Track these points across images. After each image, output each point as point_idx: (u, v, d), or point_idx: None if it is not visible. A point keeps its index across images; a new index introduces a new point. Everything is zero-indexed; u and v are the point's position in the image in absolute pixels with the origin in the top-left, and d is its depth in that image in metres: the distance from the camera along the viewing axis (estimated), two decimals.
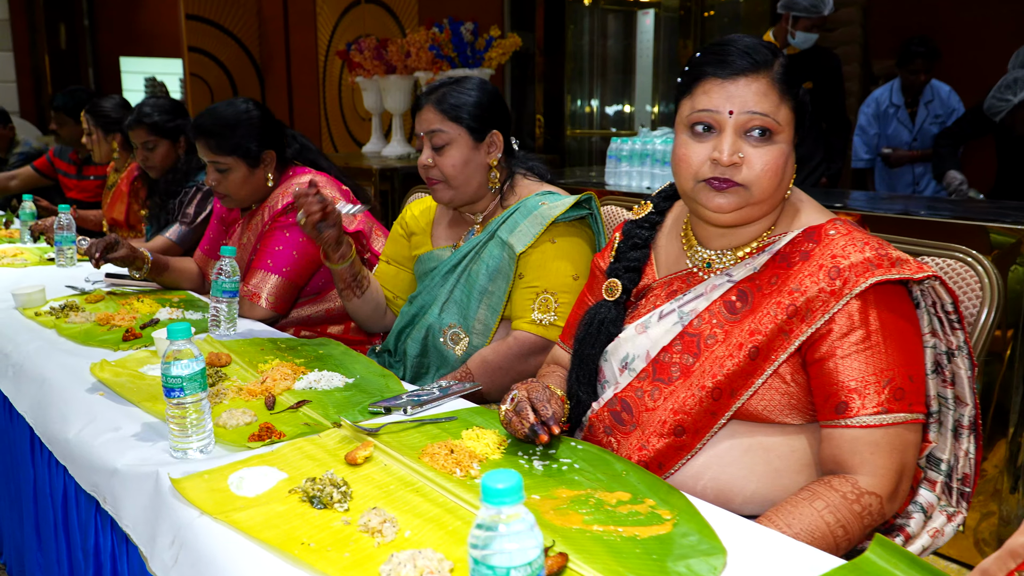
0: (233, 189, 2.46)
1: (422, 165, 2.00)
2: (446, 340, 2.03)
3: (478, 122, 1.99)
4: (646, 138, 3.79)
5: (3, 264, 3.10)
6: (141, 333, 2.14)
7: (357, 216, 2.49)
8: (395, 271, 2.25)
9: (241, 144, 2.42)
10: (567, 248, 1.96)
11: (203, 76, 9.10)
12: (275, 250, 2.39)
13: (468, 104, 1.98)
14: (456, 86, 2.00)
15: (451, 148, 1.98)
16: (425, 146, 2.00)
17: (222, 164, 2.42)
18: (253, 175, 2.46)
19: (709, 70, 1.43)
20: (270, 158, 2.48)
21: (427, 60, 5.77)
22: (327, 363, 1.93)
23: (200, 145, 2.43)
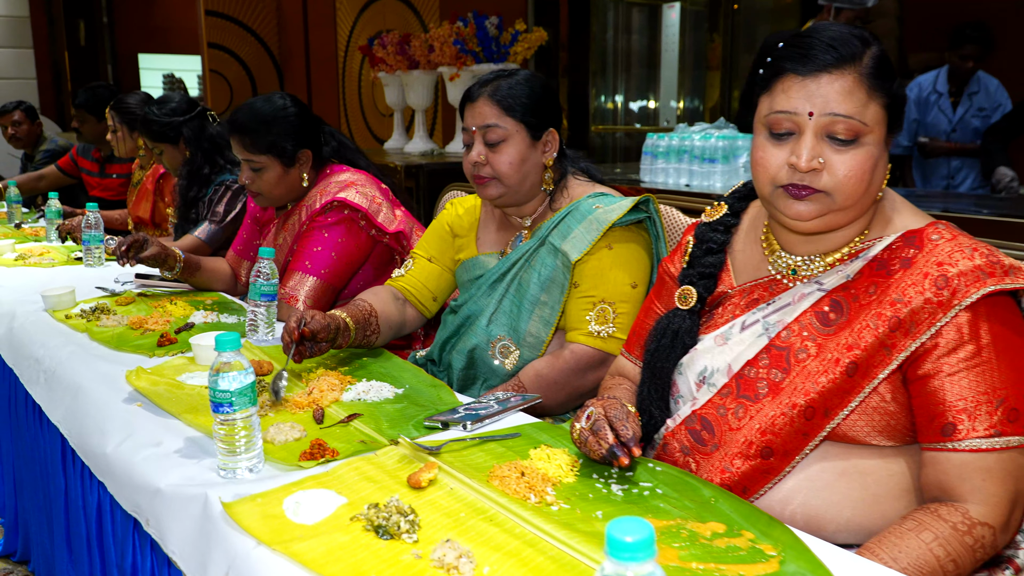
0: (267, 188, 2.35)
1: (472, 162, 1.88)
2: (495, 353, 1.91)
3: (537, 118, 1.87)
4: (683, 134, 3.66)
5: (30, 263, 3.00)
6: (176, 338, 2.03)
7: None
8: (439, 271, 2.11)
9: (276, 143, 2.30)
10: (625, 255, 1.84)
11: (222, 72, 9.00)
12: (313, 251, 2.28)
13: (527, 98, 1.86)
14: (512, 79, 1.88)
15: (507, 145, 1.86)
16: (477, 142, 1.88)
17: (256, 163, 2.31)
18: (288, 175, 2.35)
19: (789, 66, 1.31)
20: (306, 157, 2.37)
21: (451, 55, 5.64)
22: (373, 372, 1.81)
23: (234, 142, 2.32)
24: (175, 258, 2.44)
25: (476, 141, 1.88)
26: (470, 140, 1.89)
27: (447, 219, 2.12)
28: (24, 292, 2.58)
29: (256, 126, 2.28)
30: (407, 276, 2.10)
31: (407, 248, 2.38)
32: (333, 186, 2.34)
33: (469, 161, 1.88)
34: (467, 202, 2.12)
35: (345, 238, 2.30)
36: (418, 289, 2.08)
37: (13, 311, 2.37)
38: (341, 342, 1.80)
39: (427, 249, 2.13)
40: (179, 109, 3.21)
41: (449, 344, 2.01)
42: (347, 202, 2.29)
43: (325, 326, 1.72)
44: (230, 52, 9.02)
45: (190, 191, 3.27)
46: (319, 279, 2.27)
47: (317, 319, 1.71)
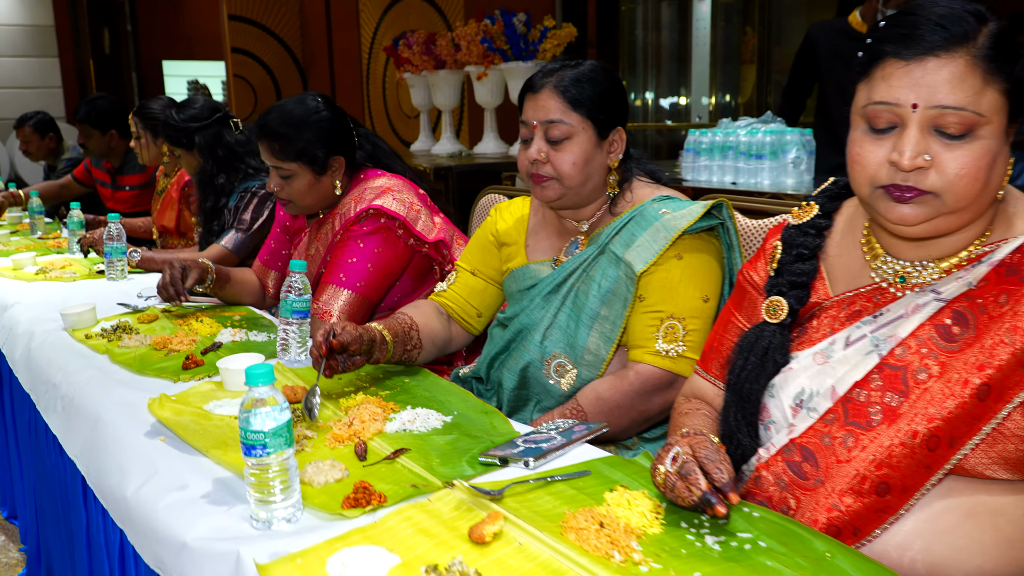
0: (297, 196, 2.18)
1: (531, 159, 1.69)
2: (549, 372, 1.73)
3: (605, 115, 1.69)
4: (728, 129, 3.46)
5: (51, 277, 2.85)
6: (203, 360, 1.86)
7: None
8: (483, 285, 1.94)
9: (307, 150, 2.14)
10: (696, 265, 1.65)
11: (246, 77, 8.88)
12: (348, 262, 2.11)
13: (595, 92, 1.68)
14: (578, 70, 1.69)
15: (571, 143, 1.67)
16: (537, 137, 1.69)
17: (285, 170, 2.14)
18: (319, 183, 2.18)
19: (889, 49, 1.12)
20: (338, 164, 2.20)
21: (478, 53, 5.47)
22: (418, 397, 1.64)
23: (262, 148, 2.15)
24: (208, 271, 2.28)
25: (536, 137, 1.69)
26: (529, 135, 1.71)
27: (491, 227, 1.94)
28: (44, 309, 2.43)
29: (285, 131, 2.11)
30: (449, 291, 1.93)
31: (447, 258, 2.21)
32: (368, 193, 2.16)
33: (527, 158, 1.70)
34: (514, 207, 1.94)
35: (382, 248, 2.12)
36: (460, 305, 1.91)
37: (31, 331, 2.22)
38: (378, 356, 1.63)
39: (469, 261, 1.95)
40: (197, 115, 3.06)
41: (498, 361, 1.83)
42: (383, 210, 2.11)
43: (357, 337, 1.56)
44: (253, 56, 8.90)
45: (206, 201, 3.12)
46: (354, 292, 2.09)
47: (348, 330, 1.55)
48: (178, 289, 2.19)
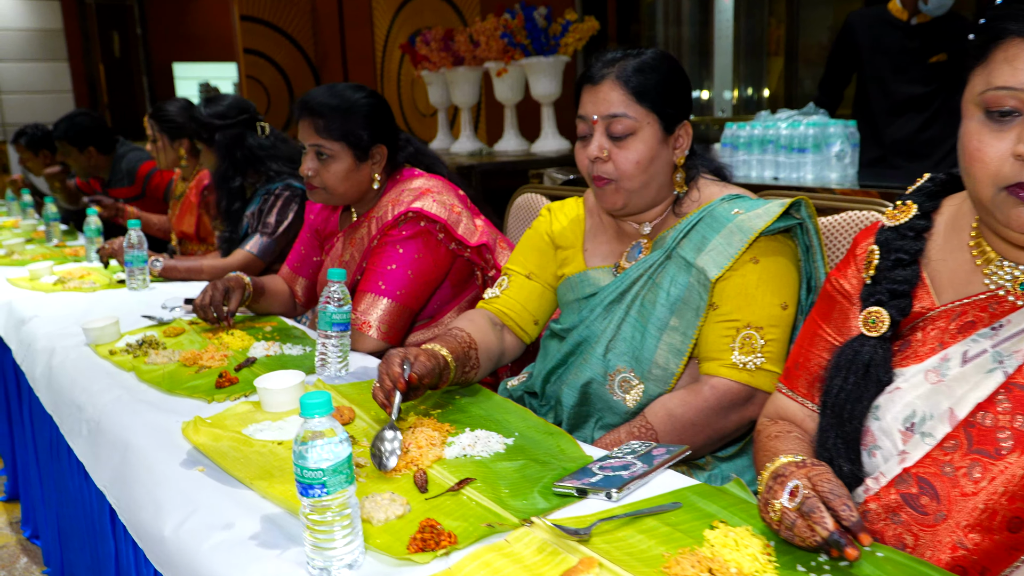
0: (332, 182, 2.04)
1: (592, 157, 1.56)
2: (613, 387, 1.59)
3: (672, 107, 1.56)
4: (767, 122, 3.31)
5: (70, 288, 2.73)
6: (237, 377, 1.74)
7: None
8: (540, 289, 1.79)
9: (352, 130, 2.01)
10: (773, 270, 1.51)
11: (258, 78, 8.76)
12: (386, 269, 1.97)
13: (661, 83, 1.54)
14: (641, 58, 1.55)
15: (635, 139, 1.54)
16: (597, 133, 1.56)
17: (326, 149, 2.01)
18: (358, 170, 2.05)
19: (1013, 27, 0.98)
20: (380, 154, 2.07)
21: (498, 49, 5.33)
22: (474, 417, 1.50)
23: (304, 125, 2.03)
24: (246, 287, 2.16)
25: (596, 133, 1.56)
26: (588, 131, 1.57)
27: (545, 228, 1.80)
28: (64, 323, 2.31)
29: (332, 108, 2.00)
30: (503, 297, 1.79)
31: (490, 263, 2.07)
32: (406, 194, 2.03)
33: (587, 156, 1.56)
34: (568, 208, 1.80)
35: (422, 253, 1.99)
36: (517, 312, 1.77)
37: (52, 346, 2.09)
38: (441, 383, 1.50)
39: (524, 264, 1.81)
40: (223, 113, 2.94)
41: (555, 376, 1.69)
42: (423, 212, 1.98)
43: (431, 370, 1.43)
44: (266, 57, 8.79)
45: (221, 201, 3.00)
46: (394, 301, 1.96)
47: (422, 361, 1.43)
48: (219, 313, 2.07)
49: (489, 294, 1.82)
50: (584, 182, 3.59)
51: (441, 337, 1.61)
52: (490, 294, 1.82)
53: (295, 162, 3.00)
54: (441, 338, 1.60)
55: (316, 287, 2.37)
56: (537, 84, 5.23)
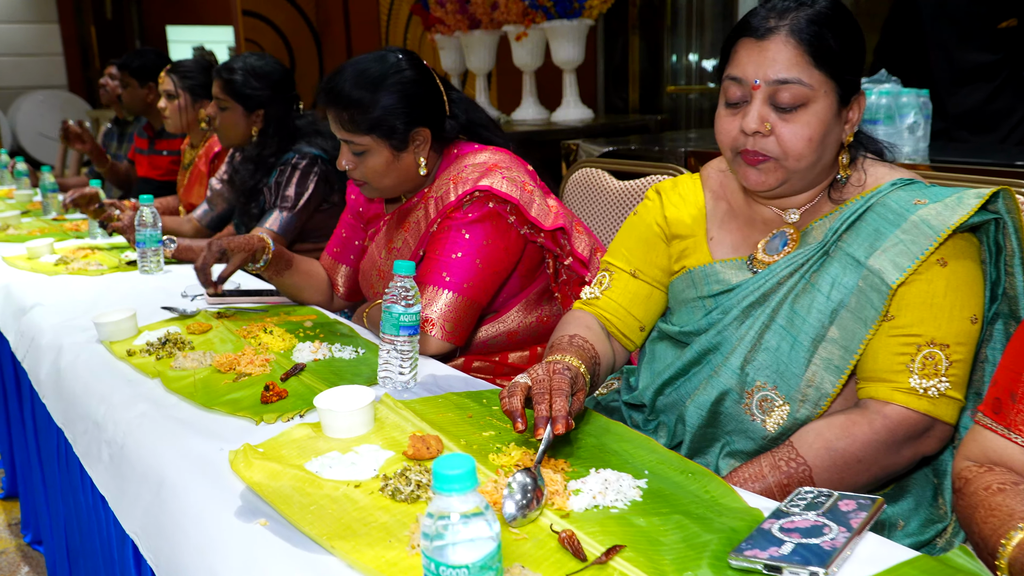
0: (373, 176, 1.74)
1: (749, 130, 1.24)
2: (751, 407, 1.30)
3: (852, 73, 1.25)
4: None
5: (74, 271, 2.41)
6: (286, 390, 1.44)
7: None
8: (648, 290, 1.50)
9: (383, 120, 1.69)
10: (963, 275, 1.22)
11: (257, 41, 8.35)
12: (451, 258, 1.67)
13: (843, 43, 1.23)
14: (817, 8, 1.24)
15: (808, 112, 1.23)
16: (758, 101, 1.24)
17: (357, 145, 1.71)
18: (398, 160, 1.74)
19: None
20: (422, 138, 1.75)
21: (518, 11, 4.98)
22: (586, 447, 1.22)
23: (331, 117, 1.72)
24: (262, 248, 1.86)
25: (757, 101, 1.24)
26: (742, 97, 1.26)
27: (656, 215, 1.49)
28: (70, 312, 2.00)
29: (358, 96, 1.67)
30: (604, 299, 1.49)
31: (566, 249, 1.76)
32: (470, 170, 1.72)
33: (746, 128, 1.24)
34: (683, 188, 1.48)
35: (491, 239, 1.69)
36: (621, 317, 1.48)
37: (59, 343, 1.79)
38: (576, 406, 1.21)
39: (628, 259, 1.50)
40: (275, 80, 2.63)
41: (673, 388, 1.40)
42: (493, 191, 1.67)
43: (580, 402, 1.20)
44: (265, 19, 8.37)
45: (253, 178, 2.69)
46: (460, 295, 1.66)
47: (578, 398, 1.20)
48: (207, 277, 1.81)
49: (587, 294, 1.53)
50: (655, 156, 3.30)
51: (563, 347, 1.32)
52: (588, 294, 1.53)
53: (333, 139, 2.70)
54: (564, 348, 1.31)
55: (358, 276, 2.07)
56: (560, 49, 4.89)
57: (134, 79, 3.87)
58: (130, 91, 3.89)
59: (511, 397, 1.12)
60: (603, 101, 6.01)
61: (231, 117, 2.65)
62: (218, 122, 2.68)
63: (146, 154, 4.02)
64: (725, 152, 1.33)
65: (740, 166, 1.30)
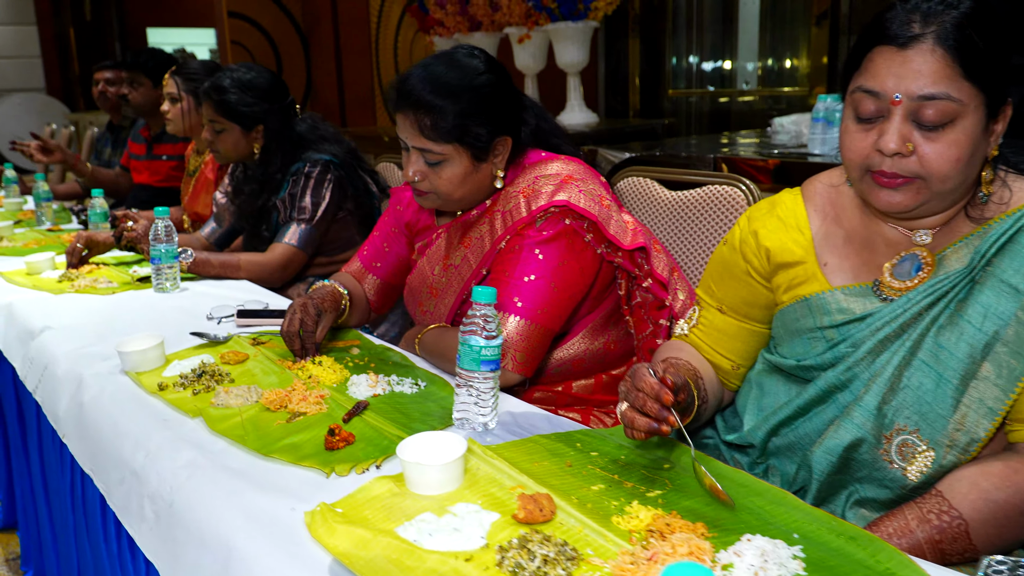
0: (446, 188, 1.56)
1: (888, 151, 1.09)
2: (889, 453, 1.14)
3: (1001, 82, 1.09)
4: None
5: (82, 289, 2.20)
6: (352, 433, 1.26)
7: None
8: (736, 327, 1.35)
9: (468, 128, 1.52)
10: None
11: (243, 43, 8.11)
12: (523, 282, 1.49)
13: (991, 48, 1.06)
14: (961, 9, 1.06)
15: (955, 129, 1.06)
16: (898, 118, 1.07)
17: (436, 155, 1.52)
18: (477, 171, 1.57)
19: None
20: (504, 147, 1.58)
21: (521, 13, 4.82)
22: (687, 493, 1.05)
23: (404, 121, 1.53)
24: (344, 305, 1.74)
25: (895, 117, 1.08)
26: (878, 111, 1.10)
27: (747, 248, 1.31)
28: (85, 337, 1.80)
29: (440, 102, 1.49)
30: (693, 337, 1.35)
31: (644, 271, 1.59)
32: (543, 183, 1.55)
33: (883, 147, 1.08)
34: (782, 209, 1.32)
35: (566, 259, 1.51)
36: (711, 356, 1.35)
37: (79, 374, 1.59)
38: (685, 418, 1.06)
39: (713, 292, 1.36)
40: (268, 90, 2.43)
41: (790, 429, 1.24)
42: (571, 207, 1.50)
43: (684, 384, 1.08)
44: (250, 20, 8.12)
45: (257, 198, 2.50)
46: (532, 322, 1.49)
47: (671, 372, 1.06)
48: (309, 346, 1.58)
49: (679, 329, 1.38)
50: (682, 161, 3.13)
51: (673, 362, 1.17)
52: (680, 329, 1.38)
53: (339, 142, 2.51)
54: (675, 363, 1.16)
55: (389, 289, 1.90)
56: (564, 52, 4.73)
57: (149, 79, 3.65)
58: (143, 91, 3.67)
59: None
60: (603, 105, 5.86)
61: (229, 138, 2.45)
62: (215, 145, 2.48)
63: (144, 159, 3.80)
64: (852, 170, 1.17)
65: (871, 187, 1.14)
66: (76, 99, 10.60)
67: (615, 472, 1.14)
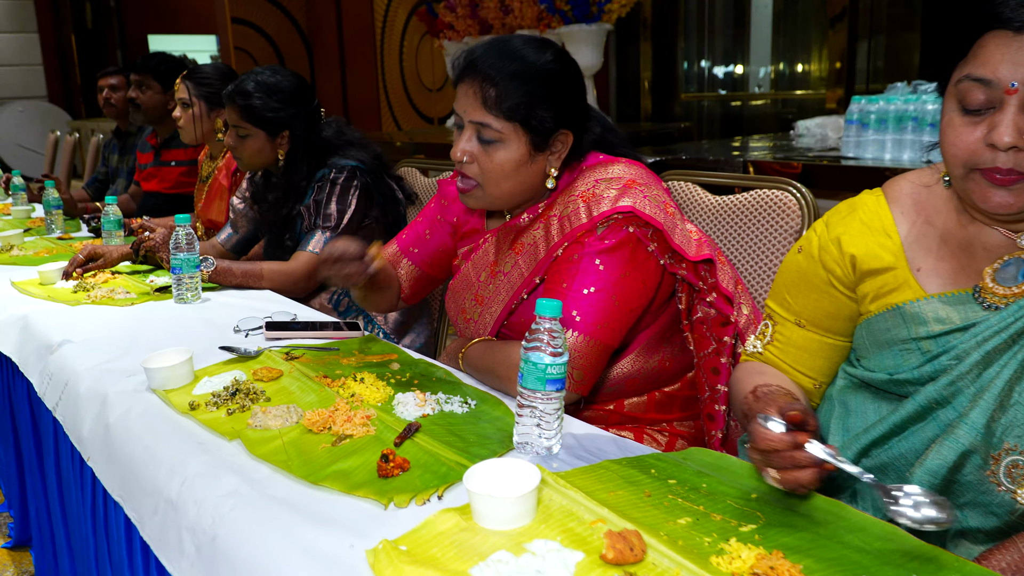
0: (494, 175, 1.44)
1: (999, 144, 0.97)
2: (997, 475, 1.04)
3: None
4: (905, 95, 2.77)
5: (99, 300, 2.10)
6: (407, 459, 1.15)
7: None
8: (818, 342, 1.25)
9: (534, 108, 1.42)
10: None
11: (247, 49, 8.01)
12: (582, 294, 1.39)
13: None
14: None
15: None
16: (1011, 109, 0.97)
17: (493, 131, 1.41)
18: (531, 162, 1.46)
19: None
20: (564, 143, 1.48)
21: (532, 16, 4.74)
22: (814, 538, 0.95)
23: (467, 92, 1.43)
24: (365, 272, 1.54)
25: (1010, 107, 0.97)
26: (989, 101, 0.99)
27: (828, 255, 1.21)
28: (107, 351, 1.70)
29: (511, 74, 1.40)
30: (767, 354, 1.26)
31: (708, 284, 1.48)
32: (603, 186, 1.44)
33: (997, 141, 0.97)
34: (864, 213, 1.21)
35: (629, 271, 1.41)
36: (791, 376, 1.25)
37: (103, 392, 1.49)
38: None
39: (789, 305, 1.26)
40: (294, 94, 2.33)
41: (883, 450, 1.14)
42: (637, 213, 1.40)
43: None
44: (254, 26, 8.03)
45: (285, 206, 2.39)
46: (591, 338, 1.38)
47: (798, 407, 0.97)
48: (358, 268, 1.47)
49: (751, 347, 1.29)
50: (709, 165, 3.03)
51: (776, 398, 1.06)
52: (752, 347, 1.28)
53: (365, 148, 2.41)
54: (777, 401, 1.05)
55: (424, 280, 1.81)
56: (577, 55, 4.59)
57: (158, 83, 3.55)
58: (151, 95, 3.57)
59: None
60: (615, 109, 5.76)
61: (254, 144, 2.35)
62: (239, 151, 2.38)
63: (151, 167, 3.70)
64: (955, 167, 1.07)
65: (978, 184, 1.04)
66: (78, 106, 10.50)
67: (699, 503, 1.04)
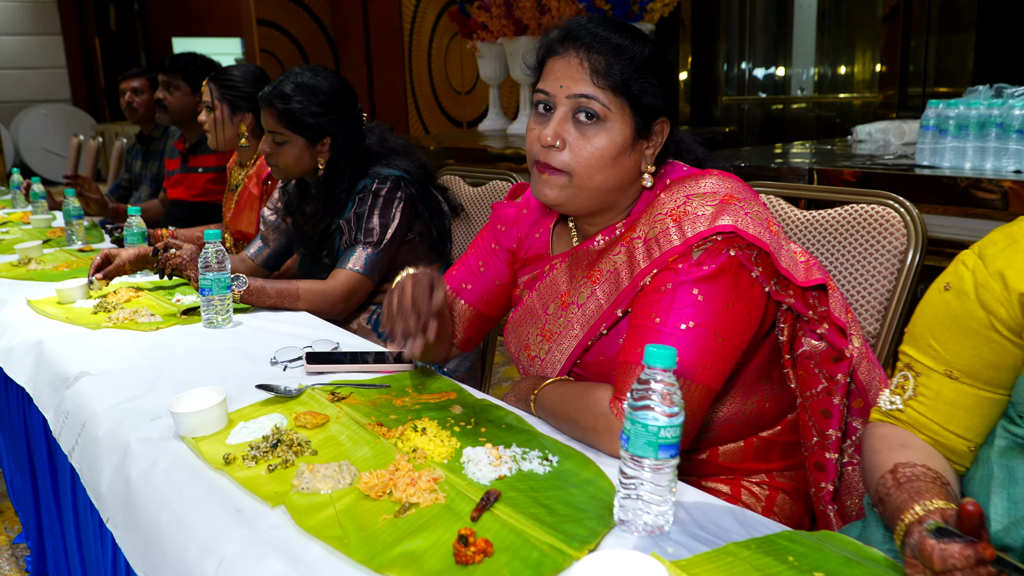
0: (588, 163, 1.22)
1: None
2: None
3: None
4: (989, 99, 2.54)
5: (122, 323, 1.91)
6: (491, 543, 0.94)
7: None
8: (974, 397, 1.02)
9: (645, 84, 1.23)
10: None
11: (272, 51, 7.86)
12: (679, 330, 1.17)
13: None
14: None
15: None
16: None
17: (597, 104, 1.21)
18: (630, 153, 1.25)
19: None
20: (661, 134, 1.28)
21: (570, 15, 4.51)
22: None
23: (567, 63, 1.22)
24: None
25: None
26: None
27: (991, 288, 0.98)
28: (129, 387, 1.50)
29: (618, 47, 1.22)
30: (910, 412, 1.04)
31: (820, 313, 1.27)
32: (696, 202, 1.23)
33: None
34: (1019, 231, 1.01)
35: (733, 301, 1.19)
36: (942, 436, 1.04)
37: (124, 440, 1.29)
38: None
39: (937, 354, 1.03)
40: (336, 97, 2.14)
41: None
42: (739, 232, 1.18)
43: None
44: (280, 28, 7.87)
45: (324, 220, 2.20)
46: (692, 382, 1.17)
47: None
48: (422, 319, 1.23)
49: (886, 403, 1.06)
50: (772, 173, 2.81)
51: (921, 490, 0.85)
52: (888, 403, 1.06)
53: (409, 156, 2.21)
54: (925, 493, 0.84)
55: (480, 321, 1.59)
56: None
57: (187, 83, 3.37)
58: (179, 96, 3.39)
59: None
60: None
61: (292, 152, 2.15)
62: (275, 159, 2.18)
63: (178, 173, 3.52)
64: None
65: None
66: (102, 110, 10.41)
67: None
